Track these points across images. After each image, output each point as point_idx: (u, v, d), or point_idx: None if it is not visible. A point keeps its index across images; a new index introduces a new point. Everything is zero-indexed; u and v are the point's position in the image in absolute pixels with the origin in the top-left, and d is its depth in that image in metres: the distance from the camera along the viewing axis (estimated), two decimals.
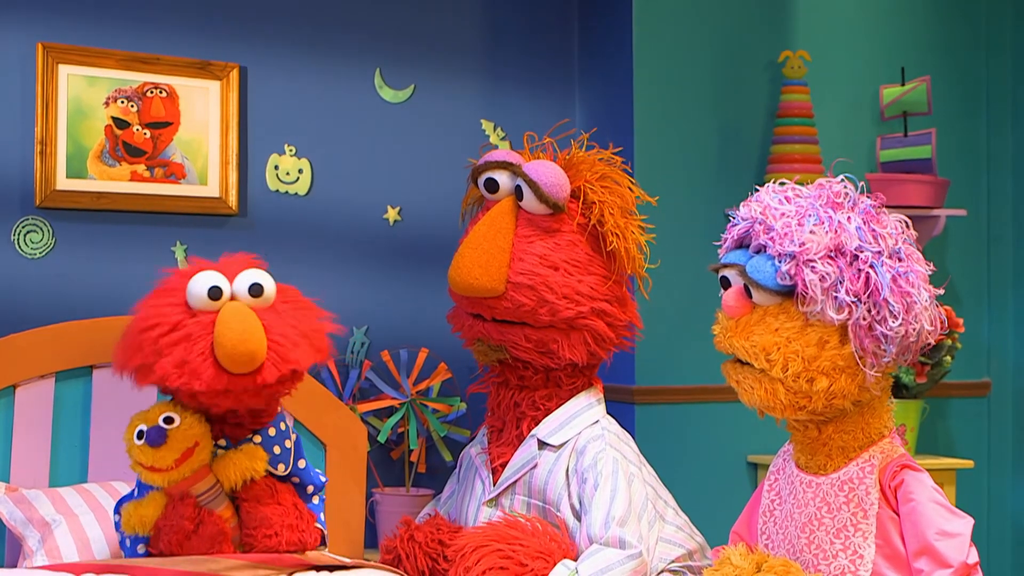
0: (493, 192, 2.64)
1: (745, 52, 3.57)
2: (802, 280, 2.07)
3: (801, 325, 2.11)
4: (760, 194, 2.20)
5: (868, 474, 2.15)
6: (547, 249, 2.58)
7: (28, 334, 2.76)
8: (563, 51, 3.66)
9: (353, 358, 3.31)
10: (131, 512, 2.35)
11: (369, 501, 3.22)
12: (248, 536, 2.42)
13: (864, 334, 2.07)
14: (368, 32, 3.39)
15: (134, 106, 3.07)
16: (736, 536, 2.39)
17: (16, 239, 2.96)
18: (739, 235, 2.21)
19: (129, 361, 2.37)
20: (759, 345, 2.13)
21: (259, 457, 2.44)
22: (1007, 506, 3.85)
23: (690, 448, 3.43)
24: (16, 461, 2.72)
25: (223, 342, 2.28)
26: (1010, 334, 3.88)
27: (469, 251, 2.55)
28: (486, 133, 3.53)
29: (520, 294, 2.55)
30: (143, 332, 2.35)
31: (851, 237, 2.07)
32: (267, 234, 3.23)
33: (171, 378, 2.30)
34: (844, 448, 2.18)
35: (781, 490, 2.30)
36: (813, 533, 2.18)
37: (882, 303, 2.05)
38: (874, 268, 2.06)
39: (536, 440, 2.63)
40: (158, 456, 2.30)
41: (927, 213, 3.55)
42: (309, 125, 3.31)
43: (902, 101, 3.59)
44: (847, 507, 2.15)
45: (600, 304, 2.61)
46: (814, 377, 2.10)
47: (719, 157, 3.53)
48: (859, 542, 2.13)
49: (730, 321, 2.19)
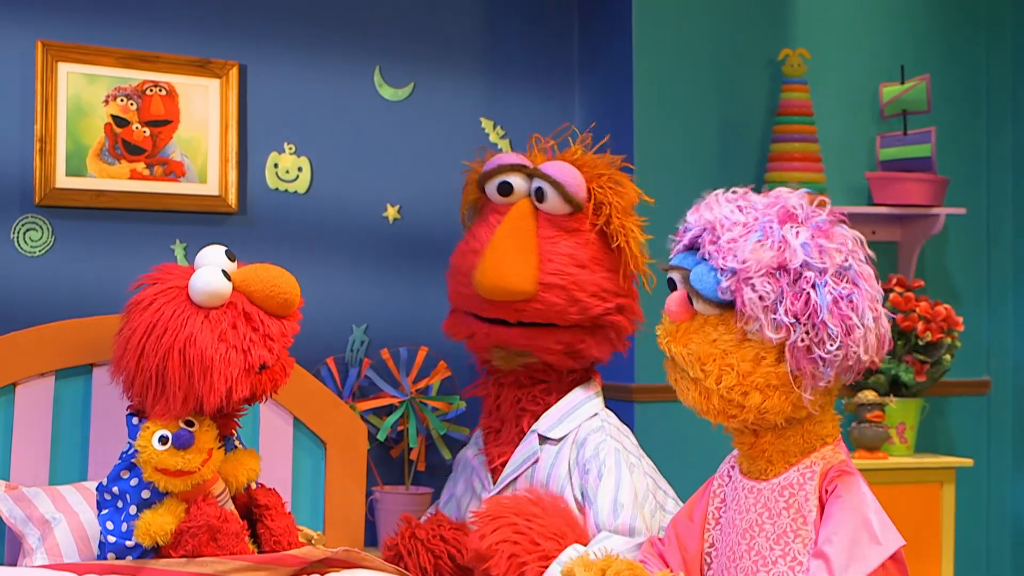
0: (506, 195, 2.64)
1: (745, 50, 3.57)
2: (741, 298, 2.04)
3: (739, 339, 2.08)
4: (712, 200, 2.16)
5: (808, 480, 2.11)
6: (572, 248, 2.60)
7: (28, 332, 2.75)
8: (563, 49, 3.66)
9: (353, 356, 3.31)
10: (149, 522, 2.33)
11: (369, 499, 3.22)
12: (275, 544, 2.47)
13: (802, 356, 2.03)
14: (368, 30, 3.39)
15: (134, 104, 3.07)
16: (672, 529, 2.34)
17: (16, 237, 2.96)
18: (691, 239, 2.17)
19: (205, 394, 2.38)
20: (695, 354, 2.12)
21: (257, 458, 2.51)
22: (1007, 505, 3.85)
23: (689, 446, 3.42)
24: (16, 459, 2.71)
25: (264, 277, 2.45)
26: (1010, 332, 3.88)
27: (496, 255, 2.55)
28: (486, 131, 3.52)
29: (552, 294, 2.56)
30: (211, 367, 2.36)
31: (795, 254, 2.01)
32: (267, 232, 3.23)
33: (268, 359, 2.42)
34: (784, 453, 2.14)
35: (726, 496, 2.26)
36: (753, 539, 2.13)
37: (820, 325, 1.99)
38: (816, 288, 2.00)
39: (537, 435, 2.64)
40: (187, 459, 2.31)
41: (927, 212, 3.55)
42: (309, 123, 3.30)
43: (902, 99, 3.59)
44: (787, 512, 2.10)
45: (622, 300, 2.66)
46: (748, 391, 2.08)
47: (719, 155, 3.53)
48: (798, 549, 2.08)
49: (671, 325, 2.18)
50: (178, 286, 2.42)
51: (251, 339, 2.39)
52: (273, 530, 2.48)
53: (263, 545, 2.48)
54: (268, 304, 2.44)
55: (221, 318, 2.38)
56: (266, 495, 2.54)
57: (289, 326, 2.49)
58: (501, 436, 2.71)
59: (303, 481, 2.98)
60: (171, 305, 2.38)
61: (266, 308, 2.45)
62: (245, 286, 2.44)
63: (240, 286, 2.43)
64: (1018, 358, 3.87)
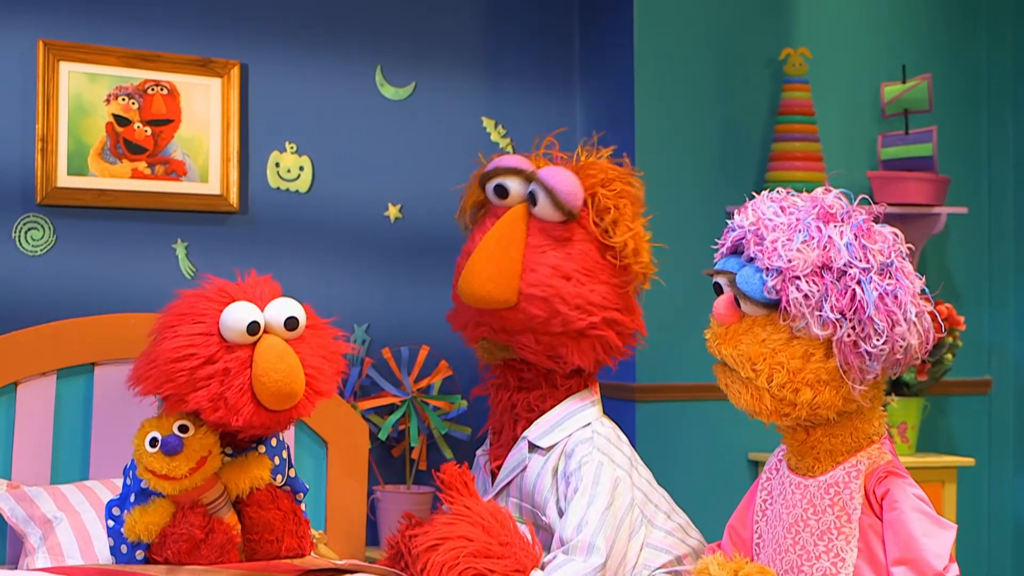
0: (503, 198, 2.61)
1: (746, 49, 3.57)
2: (786, 297, 2.08)
3: (787, 337, 2.12)
4: (756, 202, 2.20)
5: (854, 479, 2.15)
6: (559, 259, 2.54)
7: (29, 331, 2.76)
8: (564, 48, 3.66)
9: (354, 355, 3.31)
10: (136, 519, 2.33)
11: (370, 499, 3.22)
12: (251, 541, 2.44)
13: (849, 351, 2.08)
14: (369, 29, 3.38)
15: (135, 103, 3.07)
16: (731, 530, 2.40)
17: (17, 236, 2.96)
18: (734, 242, 2.22)
19: (158, 388, 2.37)
20: (746, 355, 2.15)
21: (266, 466, 2.47)
22: (1008, 504, 3.85)
23: (691, 446, 3.42)
24: (18, 458, 2.72)
25: (267, 382, 2.34)
26: (1011, 332, 3.88)
27: (480, 262, 2.51)
28: (487, 131, 3.52)
29: (532, 306, 2.51)
30: (176, 362, 2.34)
31: (840, 254, 2.07)
32: (268, 232, 3.23)
33: (206, 412, 2.34)
34: (832, 451, 2.19)
35: (773, 489, 2.31)
36: (799, 534, 2.19)
37: (867, 321, 2.05)
38: (861, 285, 2.05)
39: (527, 442, 2.62)
40: (173, 465, 2.30)
41: (928, 211, 3.54)
42: (310, 122, 3.30)
43: (903, 98, 3.58)
44: (831, 510, 2.15)
45: (611, 313, 2.58)
46: (799, 388, 2.12)
47: (720, 154, 3.52)
48: (841, 545, 2.14)
49: (720, 328, 2.22)
50: (210, 324, 2.39)
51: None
52: (250, 528, 2.45)
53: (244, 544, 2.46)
54: (261, 393, 2.37)
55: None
56: (256, 494, 2.47)
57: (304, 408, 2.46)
58: (501, 438, 2.70)
59: (305, 480, 2.97)
60: (204, 346, 2.36)
61: (260, 398, 2.37)
62: (254, 363, 2.38)
63: (254, 360, 2.38)
64: (1020, 357, 3.87)
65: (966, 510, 3.63)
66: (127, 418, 2.62)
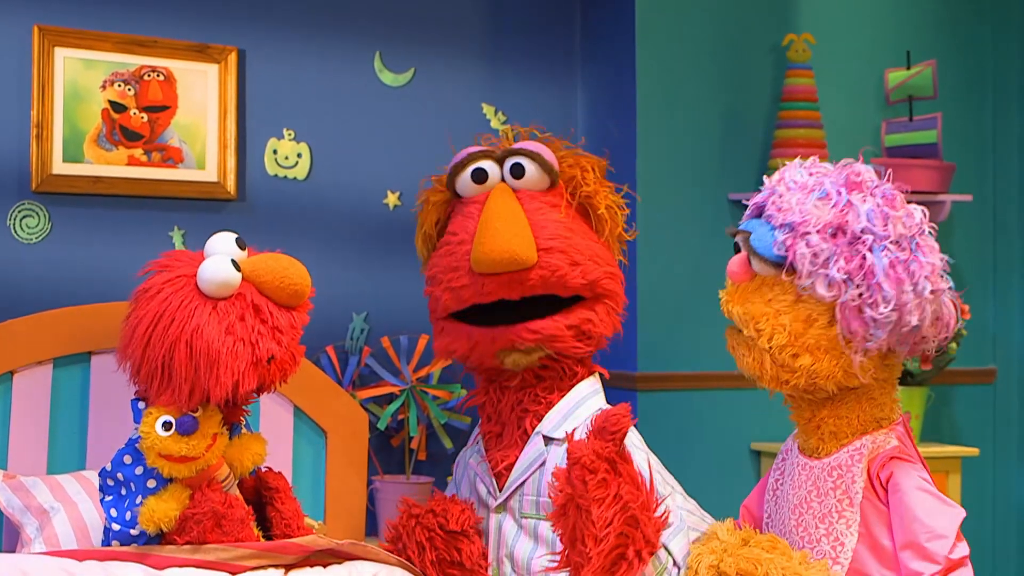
0: (482, 182, 2.63)
1: (749, 35, 3.55)
2: (794, 252, 2.07)
3: (793, 299, 2.11)
4: (788, 166, 2.21)
5: (856, 462, 2.14)
6: (560, 218, 2.59)
7: (25, 320, 2.74)
8: (565, 34, 3.64)
9: (353, 344, 3.30)
10: (153, 509, 2.31)
11: (369, 488, 3.21)
12: (286, 527, 2.46)
13: (853, 316, 2.05)
14: (368, 15, 3.37)
15: (131, 89, 3.05)
16: (745, 509, 2.41)
17: (12, 224, 2.94)
18: (758, 203, 2.21)
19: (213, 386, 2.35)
20: (751, 313, 2.14)
21: (262, 443, 2.49)
22: (1012, 494, 3.84)
23: (693, 435, 3.41)
24: (14, 448, 2.71)
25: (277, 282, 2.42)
26: (1016, 321, 3.86)
27: (492, 229, 2.50)
28: (487, 117, 3.50)
29: (553, 257, 2.53)
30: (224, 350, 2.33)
31: (858, 219, 2.05)
32: (266, 219, 3.21)
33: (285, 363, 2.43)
34: (836, 433, 2.18)
35: (785, 470, 2.32)
36: (802, 516, 2.19)
37: (875, 286, 2.03)
38: (873, 252, 2.04)
39: (542, 437, 2.60)
40: (191, 444, 2.30)
41: (932, 198, 3.52)
42: (308, 109, 3.28)
43: (907, 85, 3.56)
44: (833, 493, 2.15)
45: (613, 268, 2.64)
46: (798, 353, 2.10)
47: (722, 141, 3.51)
48: (841, 529, 2.13)
49: (732, 286, 2.22)
50: (187, 275, 2.38)
51: (259, 332, 2.36)
52: (283, 513, 2.48)
53: (273, 528, 2.47)
54: (278, 295, 2.42)
55: (229, 309, 2.35)
56: (275, 478, 2.53)
57: (299, 317, 2.46)
58: (503, 440, 2.67)
59: (303, 470, 2.97)
60: (179, 295, 2.35)
61: (276, 299, 2.42)
62: (255, 276, 2.40)
63: (250, 276, 2.40)
64: None
65: (970, 500, 3.61)
66: (124, 407, 2.60)
